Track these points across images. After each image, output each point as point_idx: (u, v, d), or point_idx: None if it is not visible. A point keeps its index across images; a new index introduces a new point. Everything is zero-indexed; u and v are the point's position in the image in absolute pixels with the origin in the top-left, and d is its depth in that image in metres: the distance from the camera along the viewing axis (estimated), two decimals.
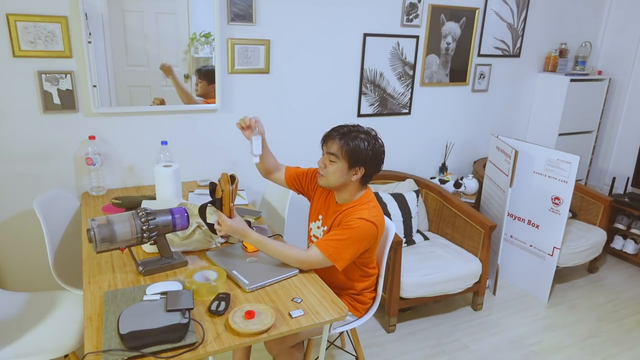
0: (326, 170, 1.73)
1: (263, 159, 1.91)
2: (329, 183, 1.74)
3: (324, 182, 1.76)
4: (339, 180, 1.72)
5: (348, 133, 1.70)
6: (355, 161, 1.69)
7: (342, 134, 1.70)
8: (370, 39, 2.93)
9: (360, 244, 1.69)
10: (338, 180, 1.72)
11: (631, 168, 3.88)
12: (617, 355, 2.53)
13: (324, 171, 1.74)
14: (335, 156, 1.70)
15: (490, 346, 2.55)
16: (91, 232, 1.48)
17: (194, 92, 2.52)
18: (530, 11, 3.50)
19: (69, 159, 2.36)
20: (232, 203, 1.64)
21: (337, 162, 1.70)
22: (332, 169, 1.71)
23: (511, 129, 3.81)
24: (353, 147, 1.68)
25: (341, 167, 1.70)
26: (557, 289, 3.16)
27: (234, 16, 2.50)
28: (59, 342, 1.69)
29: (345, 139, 1.69)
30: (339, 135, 1.70)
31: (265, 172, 2.00)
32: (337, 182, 1.73)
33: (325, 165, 1.73)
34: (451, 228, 2.97)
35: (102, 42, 2.25)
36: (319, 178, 1.78)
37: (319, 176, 1.77)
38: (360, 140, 1.69)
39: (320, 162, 1.75)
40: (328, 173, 1.72)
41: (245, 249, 1.79)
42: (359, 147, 1.68)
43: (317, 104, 2.90)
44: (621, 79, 3.87)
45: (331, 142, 1.71)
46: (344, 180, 1.73)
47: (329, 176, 1.72)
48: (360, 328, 2.62)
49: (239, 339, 1.32)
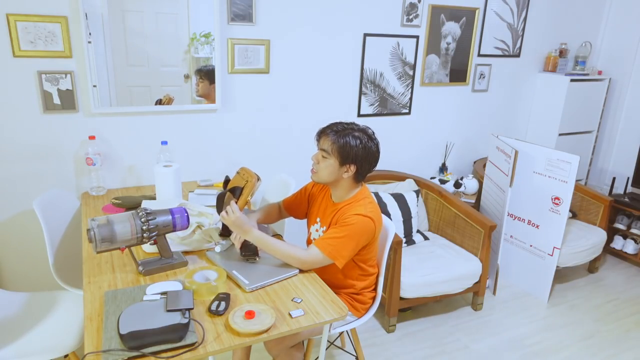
0: (318, 166, 1.75)
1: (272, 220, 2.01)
2: (320, 179, 1.77)
3: (316, 177, 1.79)
4: (331, 177, 1.74)
5: (342, 130, 1.72)
6: (346, 158, 1.71)
7: (335, 131, 1.72)
8: (370, 39, 2.93)
9: (358, 239, 1.70)
10: (329, 177, 1.74)
11: (631, 168, 3.88)
12: (616, 355, 2.53)
13: (316, 167, 1.76)
14: (327, 152, 1.72)
15: (490, 346, 2.55)
16: (91, 232, 1.48)
17: (195, 93, 2.52)
18: (530, 11, 3.50)
19: (69, 159, 2.36)
20: (250, 197, 1.65)
21: (328, 159, 1.72)
22: (323, 165, 1.74)
23: (511, 129, 3.81)
24: (343, 144, 1.70)
25: (332, 163, 1.72)
26: (557, 289, 3.16)
27: (234, 16, 2.50)
28: (59, 342, 1.69)
29: (337, 136, 1.71)
30: (332, 132, 1.73)
31: (271, 222, 2.04)
32: (328, 178, 1.75)
33: (317, 161, 1.76)
34: (451, 228, 2.97)
35: (102, 42, 2.25)
36: (311, 174, 1.81)
37: (312, 172, 1.80)
38: (352, 138, 1.70)
39: (313, 157, 1.78)
40: (320, 169, 1.75)
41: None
42: (350, 144, 1.70)
43: (317, 103, 2.90)
44: (621, 79, 3.87)
45: (324, 139, 1.74)
46: (335, 176, 1.74)
47: (320, 172, 1.75)
48: (360, 328, 2.62)
49: (239, 339, 1.32)
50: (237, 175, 1.77)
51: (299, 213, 2.01)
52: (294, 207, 2.00)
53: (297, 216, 2.02)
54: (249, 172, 1.67)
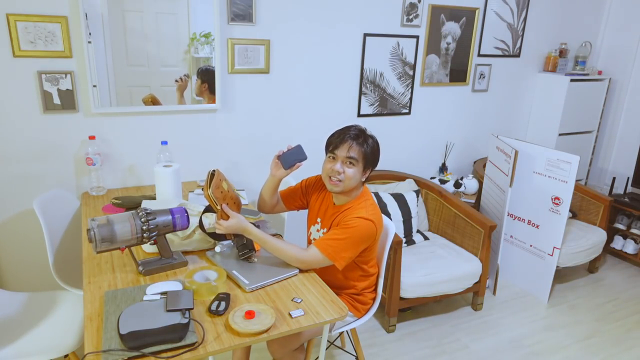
0: (344, 175, 1.70)
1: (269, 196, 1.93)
2: (345, 187, 1.73)
3: (341, 187, 1.72)
4: (354, 183, 1.74)
5: (359, 135, 1.72)
6: (370, 162, 1.73)
7: (354, 137, 1.71)
8: (370, 39, 2.93)
9: (359, 242, 1.70)
10: (354, 184, 1.74)
11: (631, 168, 3.88)
12: (616, 355, 2.53)
13: (342, 176, 1.71)
14: (356, 160, 1.70)
15: (490, 346, 2.55)
16: (91, 232, 1.48)
17: (195, 93, 2.52)
18: (530, 11, 3.50)
19: (69, 159, 2.36)
20: (219, 206, 1.60)
21: (356, 166, 1.71)
22: (351, 173, 1.70)
23: (511, 129, 3.81)
24: (370, 150, 1.72)
25: (359, 169, 1.72)
26: (557, 289, 3.16)
27: (234, 16, 2.50)
28: (59, 342, 1.69)
29: (360, 142, 1.71)
30: (352, 139, 1.70)
31: (268, 210, 2.01)
32: (352, 186, 1.74)
33: (343, 170, 1.70)
34: (451, 228, 2.97)
35: (102, 42, 2.25)
36: (332, 185, 1.73)
37: (333, 183, 1.72)
38: (372, 142, 1.74)
39: (336, 167, 1.70)
40: (347, 177, 1.70)
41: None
42: (374, 148, 1.73)
43: (317, 103, 2.90)
44: (621, 79, 3.87)
45: (346, 147, 1.70)
46: (357, 182, 1.74)
47: (348, 181, 1.71)
48: (360, 328, 2.62)
49: (239, 339, 1.32)
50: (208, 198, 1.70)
51: (291, 204, 1.99)
52: (289, 198, 1.99)
53: (290, 207, 2.00)
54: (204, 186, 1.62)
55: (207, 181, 1.60)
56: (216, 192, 1.60)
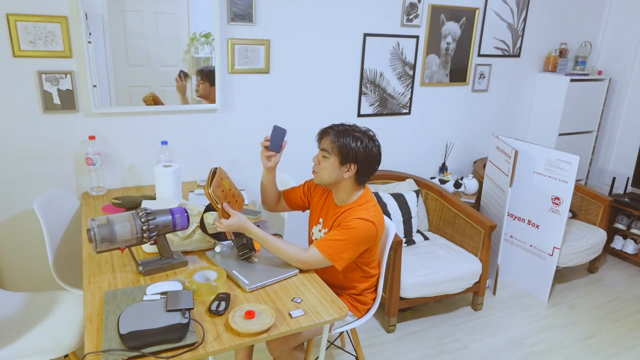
0: (319, 167, 1.76)
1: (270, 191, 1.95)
2: (322, 179, 1.77)
3: (317, 178, 1.79)
4: (331, 177, 1.74)
5: (343, 131, 1.73)
6: (346, 157, 1.71)
7: (336, 131, 1.73)
8: (370, 39, 2.93)
9: (359, 244, 1.70)
10: (330, 177, 1.74)
11: (631, 168, 3.88)
12: (616, 355, 2.53)
13: (317, 167, 1.77)
14: (327, 152, 1.72)
15: (490, 346, 2.55)
16: (91, 232, 1.48)
17: (195, 93, 2.52)
18: (530, 11, 3.50)
19: (69, 159, 2.36)
20: (220, 204, 1.62)
21: (329, 158, 1.72)
22: (324, 165, 1.74)
23: (511, 129, 3.81)
24: (344, 143, 1.70)
25: (333, 163, 1.72)
26: (557, 289, 3.16)
27: (234, 16, 2.50)
28: (59, 342, 1.69)
29: (338, 135, 1.71)
30: (333, 132, 1.73)
31: (271, 207, 2.02)
32: (329, 179, 1.75)
33: (318, 161, 1.76)
34: (451, 228, 2.97)
35: (102, 42, 2.25)
36: (313, 176, 1.81)
37: (313, 173, 1.80)
38: (352, 138, 1.71)
39: (314, 158, 1.78)
40: (320, 169, 1.75)
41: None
42: (350, 143, 1.70)
43: (317, 104, 2.90)
44: (621, 79, 3.87)
45: (325, 138, 1.75)
46: (336, 177, 1.74)
47: (321, 172, 1.75)
48: (360, 328, 2.62)
49: (239, 339, 1.32)
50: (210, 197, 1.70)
51: (293, 204, 2.01)
52: (291, 198, 2.00)
53: (291, 206, 2.02)
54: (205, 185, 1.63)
55: (209, 179, 1.60)
56: (217, 191, 1.60)
